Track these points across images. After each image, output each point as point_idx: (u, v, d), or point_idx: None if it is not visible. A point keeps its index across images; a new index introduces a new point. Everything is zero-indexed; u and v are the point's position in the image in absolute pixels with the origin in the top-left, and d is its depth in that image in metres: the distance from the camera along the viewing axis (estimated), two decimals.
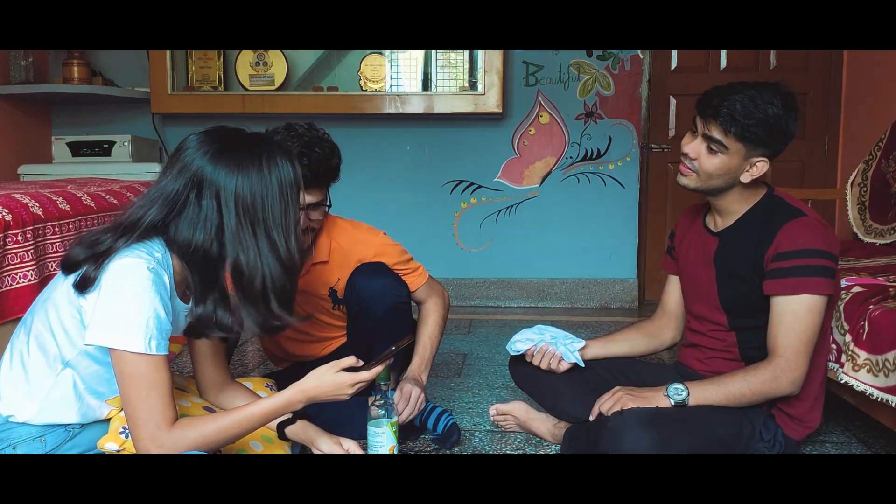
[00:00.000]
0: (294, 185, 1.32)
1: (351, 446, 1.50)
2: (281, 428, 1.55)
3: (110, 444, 1.34)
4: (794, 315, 1.56)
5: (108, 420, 1.38)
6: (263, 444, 1.58)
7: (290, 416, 1.53)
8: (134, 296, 1.22)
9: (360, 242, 1.99)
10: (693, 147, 1.63)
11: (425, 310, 2.04)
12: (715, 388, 1.59)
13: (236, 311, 1.32)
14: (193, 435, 1.25)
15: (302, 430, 1.55)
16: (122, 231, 1.28)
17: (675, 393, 1.58)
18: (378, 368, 1.42)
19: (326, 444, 1.50)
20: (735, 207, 1.69)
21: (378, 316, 1.91)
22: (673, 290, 1.92)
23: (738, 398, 1.58)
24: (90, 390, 1.34)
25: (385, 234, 2.05)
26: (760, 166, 1.61)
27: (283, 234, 1.30)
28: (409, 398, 1.84)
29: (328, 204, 1.89)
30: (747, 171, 1.61)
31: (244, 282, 1.28)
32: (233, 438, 1.31)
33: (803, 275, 1.56)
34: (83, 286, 1.25)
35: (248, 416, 1.31)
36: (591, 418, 1.64)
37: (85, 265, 1.26)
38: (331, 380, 1.36)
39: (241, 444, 1.53)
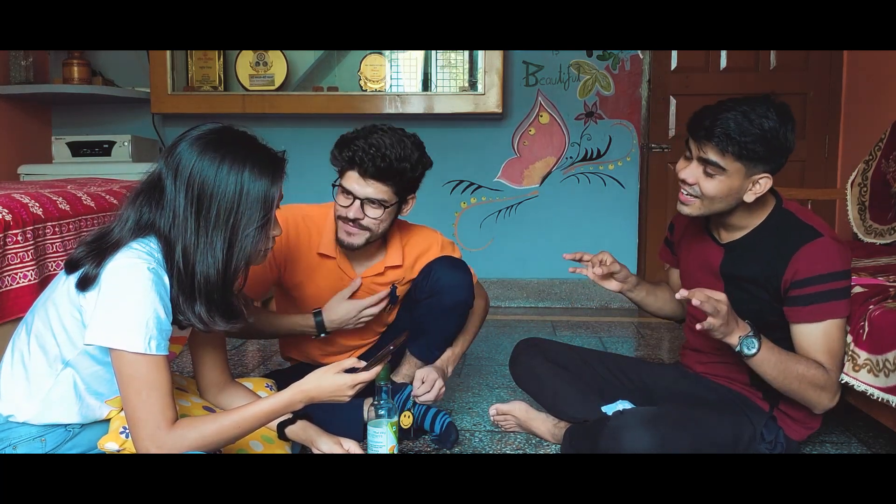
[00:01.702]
0: (257, 202, 1.28)
1: (351, 446, 1.50)
2: (281, 428, 1.56)
3: (111, 443, 1.35)
4: (828, 337, 1.56)
5: (108, 420, 1.38)
6: (263, 444, 1.58)
7: (290, 416, 1.53)
8: (134, 296, 1.22)
9: (426, 239, 2.03)
10: (690, 172, 1.57)
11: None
12: (779, 357, 1.53)
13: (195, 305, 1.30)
14: (193, 435, 1.25)
15: (302, 431, 1.55)
16: (120, 229, 1.28)
17: (747, 347, 1.51)
18: (377, 368, 1.42)
19: (326, 445, 1.50)
20: (742, 223, 1.65)
21: (445, 306, 1.93)
22: (676, 281, 1.91)
23: (788, 380, 1.54)
24: (90, 390, 1.34)
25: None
26: (763, 183, 1.55)
27: (224, 241, 1.27)
28: (433, 382, 1.86)
29: (393, 205, 1.81)
30: (750, 189, 1.56)
31: (176, 270, 1.27)
32: (233, 439, 1.31)
33: (827, 300, 1.55)
34: (83, 285, 1.25)
35: (249, 416, 1.31)
36: (685, 296, 1.45)
37: (85, 264, 1.26)
38: (331, 381, 1.36)
39: (240, 444, 1.53)
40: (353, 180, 1.77)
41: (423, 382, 1.87)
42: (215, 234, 1.27)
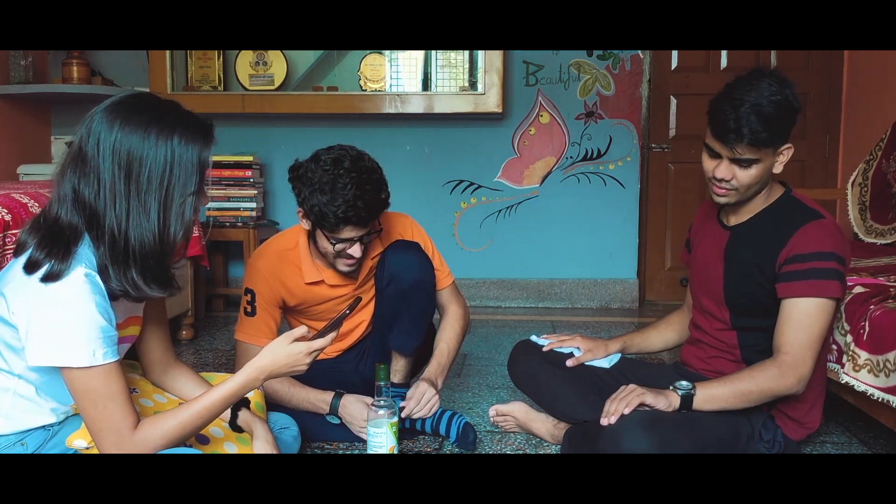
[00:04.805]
0: (190, 166, 1.24)
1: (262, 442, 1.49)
2: (234, 420, 1.53)
3: (79, 441, 1.29)
4: (804, 314, 1.55)
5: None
6: (237, 444, 1.54)
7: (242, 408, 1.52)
8: (69, 308, 1.16)
9: (396, 219, 2.02)
10: (724, 170, 1.60)
11: (445, 319, 2.04)
12: (721, 385, 1.57)
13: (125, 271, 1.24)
14: (157, 435, 1.22)
15: (248, 419, 1.53)
16: (66, 211, 1.22)
17: (682, 389, 1.56)
18: (332, 335, 1.39)
19: (259, 443, 1.49)
20: (753, 205, 1.68)
21: (403, 287, 1.90)
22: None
23: (745, 395, 1.56)
24: (51, 397, 1.30)
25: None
26: (787, 152, 1.62)
27: (159, 206, 1.22)
28: (420, 397, 1.83)
29: (380, 229, 1.88)
30: (779, 162, 1.63)
31: (109, 237, 1.21)
32: (197, 430, 1.29)
33: (817, 277, 1.55)
34: (51, 280, 1.18)
35: (208, 404, 1.27)
36: (604, 422, 1.55)
37: (46, 263, 1.19)
38: (285, 351, 1.33)
39: (214, 447, 1.50)
40: (349, 231, 1.76)
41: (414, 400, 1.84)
42: (149, 199, 1.21)
